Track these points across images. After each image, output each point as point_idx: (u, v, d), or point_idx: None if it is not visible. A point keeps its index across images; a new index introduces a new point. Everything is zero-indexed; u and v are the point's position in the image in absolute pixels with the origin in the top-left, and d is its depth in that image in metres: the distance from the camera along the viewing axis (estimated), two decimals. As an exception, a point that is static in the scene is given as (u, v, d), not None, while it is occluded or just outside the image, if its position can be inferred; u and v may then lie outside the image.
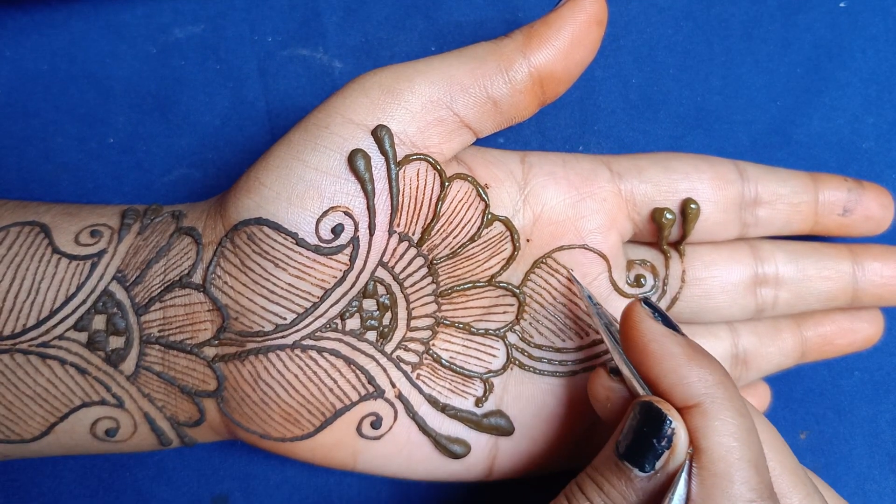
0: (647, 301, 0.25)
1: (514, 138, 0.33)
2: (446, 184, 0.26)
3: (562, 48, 0.26)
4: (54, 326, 0.26)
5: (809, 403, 0.33)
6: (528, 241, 0.28)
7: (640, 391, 0.24)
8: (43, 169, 0.32)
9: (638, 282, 0.29)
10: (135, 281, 0.26)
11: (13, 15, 0.32)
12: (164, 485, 0.31)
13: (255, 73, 0.32)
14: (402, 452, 0.28)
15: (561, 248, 0.28)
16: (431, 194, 0.26)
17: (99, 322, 0.26)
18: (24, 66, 0.32)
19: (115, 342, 0.26)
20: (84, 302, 0.26)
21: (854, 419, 0.33)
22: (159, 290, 0.26)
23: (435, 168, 0.26)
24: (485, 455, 0.28)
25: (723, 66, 0.33)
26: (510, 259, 0.28)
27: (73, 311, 0.26)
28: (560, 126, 0.33)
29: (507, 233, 0.28)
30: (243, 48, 0.32)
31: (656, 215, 0.28)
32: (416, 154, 0.26)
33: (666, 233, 0.28)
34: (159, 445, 0.27)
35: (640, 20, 0.32)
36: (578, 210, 0.28)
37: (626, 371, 0.24)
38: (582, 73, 0.27)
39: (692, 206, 0.28)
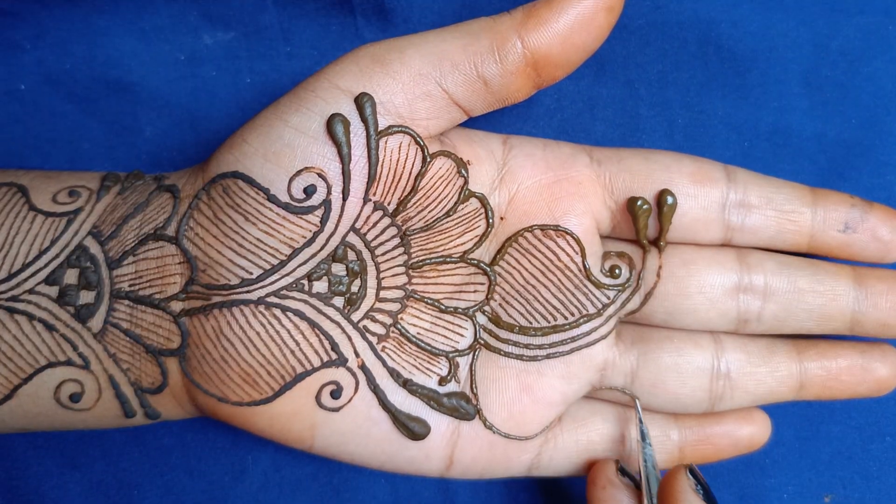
0: (692, 471, 0.24)
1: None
2: (428, 160, 0.26)
3: (560, 31, 0.25)
4: (25, 280, 0.26)
5: (836, 467, 0.32)
6: (501, 219, 0.28)
7: None
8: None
9: (613, 273, 0.28)
10: (110, 235, 0.26)
11: (31, 8, 0.31)
12: (171, 506, 0.31)
13: (290, 89, 0.32)
14: (361, 429, 0.27)
15: (533, 227, 0.27)
16: (412, 168, 0.26)
17: (71, 276, 0.26)
18: (47, 62, 0.31)
19: (86, 297, 0.26)
20: (57, 256, 0.26)
21: (882, 486, 0.32)
22: (133, 244, 0.26)
23: (417, 143, 0.26)
24: (445, 441, 0.27)
25: (775, 111, 0.31)
26: (483, 236, 0.27)
27: (46, 265, 0.26)
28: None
29: (482, 209, 0.27)
30: (278, 61, 0.32)
31: (630, 204, 0.27)
32: (399, 126, 0.25)
33: (641, 223, 0.28)
34: (123, 416, 0.27)
35: (693, 58, 0.31)
36: (553, 191, 0.27)
37: None
38: (586, 58, 0.26)
39: (668, 197, 0.27)
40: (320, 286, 0.26)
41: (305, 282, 0.26)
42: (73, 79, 0.31)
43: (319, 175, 0.25)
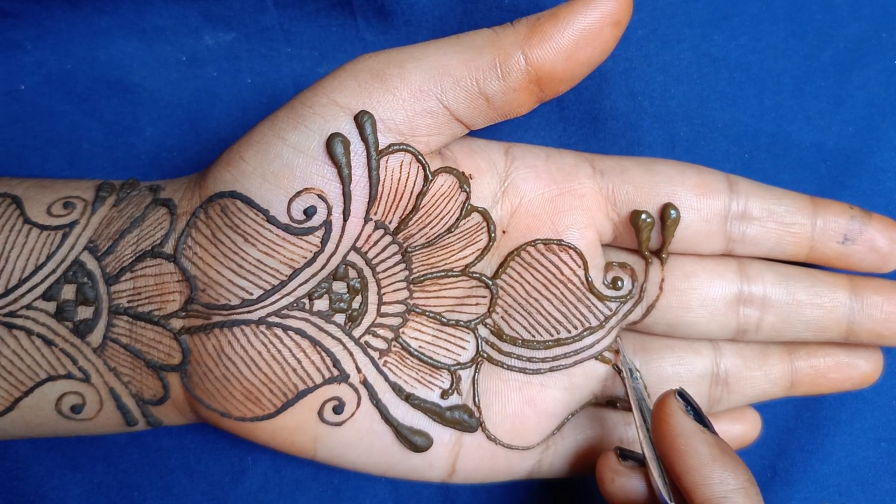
0: (681, 393, 0.24)
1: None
2: (430, 178, 0.25)
3: (565, 47, 0.24)
4: (22, 296, 0.25)
5: (832, 474, 0.32)
6: (504, 232, 0.27)
7: (659, 482, 0.24)
8: (67, 174, 0.31)
9: (615, 284, 0.28)
10: (106, 251, 0.25)
11: (32, 9, 0.31)
12: (170, 507, 0.31)
13: (291, 90, 0.32)
14: (363, 442, 0.26)
15: (535, 242, 0.27)
16: (413, 187, 0.25)
17: (68, 292, 0.25)
18: (47, 62, 0.31)
19: (84, 313, 0.25)
20: (54, 271, 0.25)
21: (877, 492, 0.32)
22: (131, 260, 0.25)
23: (419, 161, 0.25)
24: (447, 451, 0.27)
25: (773, 122, 0.31)
26: (485, 250, 0.27)
27: (43, 281, 0.25)
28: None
29: (484, 223, 0.27)
30: (279, 61, 0.31)
31: (633, 217, 0.27)
32: (400, 145, 0.25)
33: (644, 236, 0.27)
34: (125, 425, 0.27)
35: (692, 70, 0.31)
36: (556, 205, 0.27)
37: (648, 455, 0.25)
38: (590, 72, 0.25)
39: (671, 211, 0.27)
40: (321, 304, 0.26)
41: (306, 300, 0.26)
42: (73, 79, 0.31)
43: (319, 196, 0.24)
